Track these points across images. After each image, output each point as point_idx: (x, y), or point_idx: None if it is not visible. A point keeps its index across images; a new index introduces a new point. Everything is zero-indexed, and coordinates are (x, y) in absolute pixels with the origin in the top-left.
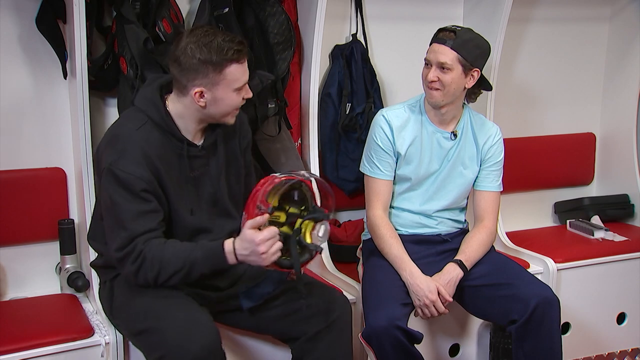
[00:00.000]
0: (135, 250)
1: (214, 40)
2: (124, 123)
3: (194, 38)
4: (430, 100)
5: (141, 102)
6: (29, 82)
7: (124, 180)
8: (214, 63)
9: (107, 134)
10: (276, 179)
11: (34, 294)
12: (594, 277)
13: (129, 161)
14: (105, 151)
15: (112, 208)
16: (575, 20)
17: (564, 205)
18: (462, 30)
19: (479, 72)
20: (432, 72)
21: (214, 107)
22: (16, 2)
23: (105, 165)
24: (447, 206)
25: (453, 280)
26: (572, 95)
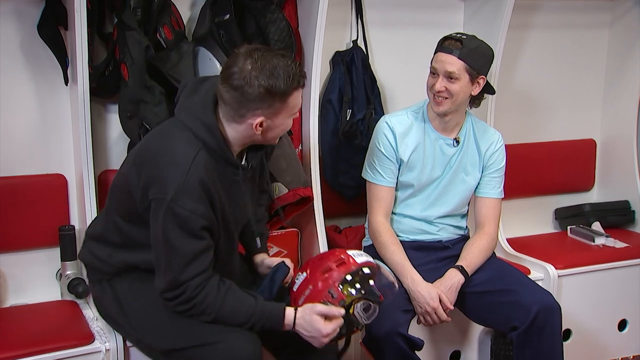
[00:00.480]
0: (186, 293)
1: (278, 67)
2: (178, 147)
3: (255, 65)
4: (437, 109)
5: (194, 124)
6: (30, 88)
7: (185, 219)
8: (280, 93)
9: (159, 156)
10: (352, 266)
11: (34, 300)
12: (595, 284)
13: (190, 197)
14: (161, 179)
15: (165, 245)
16: (576, 26)
17: (565, 212)
18: (468, 38)
19: (484, 79)
20: (439, 82)
21: (269, 134)
22: (18, 9)
23: (166, 198)
24: (449, 212)
25: (454, 286)
26: (572, 101)
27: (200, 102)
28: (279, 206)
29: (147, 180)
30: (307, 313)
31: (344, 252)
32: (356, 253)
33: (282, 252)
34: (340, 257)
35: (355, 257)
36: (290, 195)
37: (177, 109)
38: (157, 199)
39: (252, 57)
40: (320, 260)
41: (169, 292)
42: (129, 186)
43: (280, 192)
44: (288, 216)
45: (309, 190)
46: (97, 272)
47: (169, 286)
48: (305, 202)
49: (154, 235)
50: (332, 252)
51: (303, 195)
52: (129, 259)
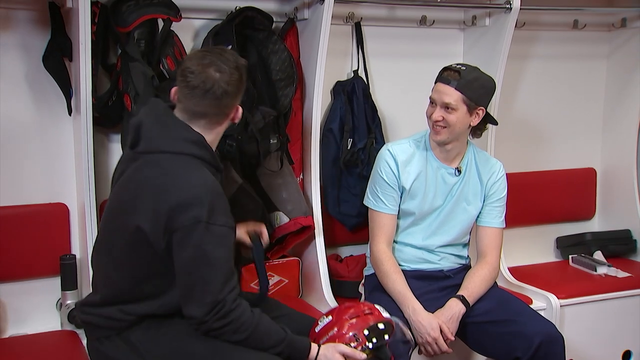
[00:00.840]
0: (224, 308)
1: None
2: (187, 172)
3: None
4: (435, 138)
5: (185, 147)
6: (34, 118)
7: (224, 235)
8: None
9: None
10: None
11: (34, 330)
12: (598, 314)
13: (221, 212)
14: (189, 204)
15: (202, 268)
16: (574, 57)
17: (566, 241)
18: (467, 69)
19: (484, 110)
20: (437, 112)
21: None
22: (24, 41)
23: (201, 219)
24: (450, 242)
25: (455, 316)
26: (572, 131)
27: (176, 125)
28: (280, 235)
29: (171, 214)
30: (330, 351)
31: (372, 305)
32: (383, 307)
33: (283, 281)
34: (368, 308)
35: (382, 311)
36: (292, 224)
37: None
38: (187, 226)
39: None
40: (347, 308)
41: (207, 315)
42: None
43: (282, 221)
44: (289, 245)
45: (310, 220)
46: (102, 329)
47: (209, 308)
48: (306, 231)
49: (183, 265)
50: (360, 303)
51: (304, 225)
52: (141, 310)
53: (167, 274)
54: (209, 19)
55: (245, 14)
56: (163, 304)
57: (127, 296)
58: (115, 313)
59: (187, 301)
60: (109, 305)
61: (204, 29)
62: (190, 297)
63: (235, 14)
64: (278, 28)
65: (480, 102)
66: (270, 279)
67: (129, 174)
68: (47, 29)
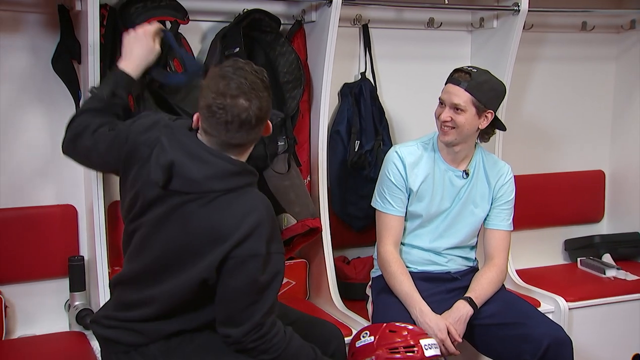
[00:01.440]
0: (262, 330)
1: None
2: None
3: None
4: (443, 138)
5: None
6: (42, 120)
7: (275, 262)
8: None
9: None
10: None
11: (42, 331)
12: (607, 317)
13: (274, 240)
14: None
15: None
16: (582, 59)
17: (575, 243)
18: (478, 71)
19: (492, 113)
20: (445, 112)
21: None
22: (33, 43)
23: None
24: (457, 244)
25: (463, 317)
26: (580, 133)
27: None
28: (288, 237)
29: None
30: None
31: (416, 338)
32: (428, 343)
33: (290, 283)
34: (410, 344)
35: (426, 349)
36: (299, 226)
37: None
38: (242, 256)
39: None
40: (391, 334)
41: (245, 335)
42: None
43: (289, 223)
44: (296, 247)
45: (317, 221)
46: (122, 345)
47: (247, 329)
48: (313, 233)
49: (230, 292)
50: (404, 331)
51: (311, 226)
52: (173, 327)
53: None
54: (216, 21)
55: (253, 17)
56: (194, 319)
57: (162, 313)
58: (146, 328)
59: (226, 322)
60: (140, 321)
61: (212, 31)
62: (231, 319)
63: (243, 17)
64: (285, 30)
65: (490, 105)
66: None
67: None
68: (56, 32)
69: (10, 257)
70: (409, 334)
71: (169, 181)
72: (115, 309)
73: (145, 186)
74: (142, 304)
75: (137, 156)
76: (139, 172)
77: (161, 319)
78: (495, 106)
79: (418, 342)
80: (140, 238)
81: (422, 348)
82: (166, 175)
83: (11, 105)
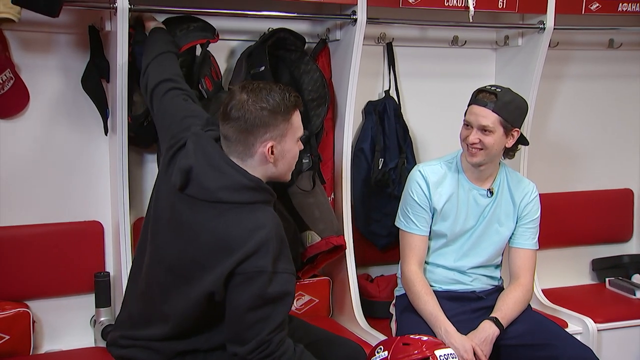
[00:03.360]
0: (269, 348)
1: (272, 91)
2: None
3: (251, 94)
4: (471, 160)
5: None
6: (72, 138)
7: (284, 281)
8: (282, 112)
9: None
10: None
11: (69, 346)
12: (637, 339)
13: (283, 260)
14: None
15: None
16: (609, 76)
17: (603, 263)
18: (502, 91)
19: (518, 131)
20: (473, 135)
21: (282, 163)
22: (64, 63)
23: (266, 269)
24: (482, 263)
25: (489, 338)
26: (608, 151)
27: (232, 170)
28: (312, 254)
29: (235, 266)
30: None
31: (431, 349)
32: (444, 354)
33: (313, 301)
34: (426, 355)
35: (440, 358)
36: (323, 243)
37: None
38: (249, 273)
39: (246, 89)
40: (405, 347)
41: (251, 353)
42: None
43: (313, 240)
44: (320, 264)
45: (341, 239)
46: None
47: (254, 347)
48: (337, 251)
49: (240, 305)
50: (419, 343)
51: (335, 244)
52: (186, 347)
53: (220, 311)
54: (242, 40)
55: (278, 35)
56: (208, 338)
57: (176, 333)
58: (161, 347)
59: (233, 340)
60: (155, 340)
61: (238, 49)
62: (237, 337)
63: (269, 36)
64: (310, 49)
65: (516, 123)
66: (301, 298)
67: (188, 221)
68: (86, 52)
69: (38, 273)
70: (424, 345)
71: (186, 186)
72: (131, 327)
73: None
74: (156, 321)
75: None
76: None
77: (176, 339)
78: (520, 124)
79: (433, 353)
80: (152, 244)
81: (437, 358)
82: (184, 180)
83: (42, 123)
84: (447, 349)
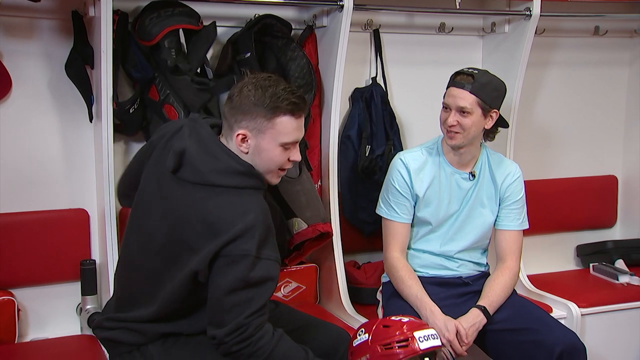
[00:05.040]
0: (245, 332)
1: (273, 87)
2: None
3: (253, 80)
4: (450, 142)
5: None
6: (56, 125)
7: (267, 267)
8: (265, 107)
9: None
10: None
11: (54, 334)
12: (621, 324)
13: (268, 247)
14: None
15: (240, 295)
16: (595, 63)
17: (587, 249)
18: (480, 72)
19: (497, 112)
20: (452, 117)
21: (257, 158)
22: (47, 49)
23: (250, 253)
24: (468, 247)
25: (476, 326)
26: (593, 138)
27: (223, 155)
28: (298, 242)
29: (221, 247)
30: None
31: (411, 331)
32: (423, 335)
33: (300, 288)
34: (406, 337)
35: (421, 341)
36: (310, 230)
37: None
38: (233, 256)
39: (256, 77)
40: (385, 330)
41: (228, 336)
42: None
43: (300, 227)
44: (307, 252)
45: (328, 226)
46: (124, 345)
47: (231, 330)
48: (324, 238)
49: (222, 288)
50: (399, 325)
51: (322, 231)
52: (171, 330)
53: (204, 294)
54: (228, 26)
55: (264, 22)
56: (192, 323)
57: (162, 315)
58: (145, 328)
59: (213, 322)
60: (140, 321)
61: (224, 36)
62: (217, 320)
63: (255, 22)
64: (297, 35)
65: (494, 104)
66: (288, 285)
67: (178, 203)
68: (69, 38)
69: (23, 261)
70: (404, 326)
71: (179, 168)
72: (117, 310)
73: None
74: (142, 303)
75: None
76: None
77: (160, 321)
78: (499, 105)
79: (412, 335)
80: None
81: (416, 340)
82: (177, 162)
83: (25, 110)
84: (428, 329)
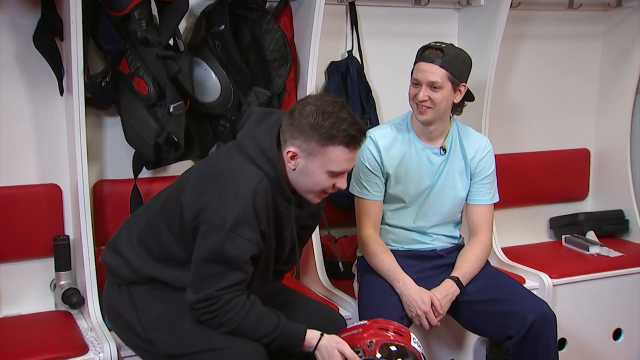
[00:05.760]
0: (215, 305)
1: (336, 114)
2: (241, 177)
3: (319, 100)
4: (421, 118)
5: (256, 154)
6: (25, 99)
7: (243, 247)
8: (321, 133)
9: (221, 184)
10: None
11: (28, 311)
12: (590, 293)
13: (248, 225)
14: (221, 206)
15: (211, 265)
16: (569, 37)
17: (559, 221)
18: (447, 46)
19: (465, 86)
20: (422, 92)
21: (302, 176)
22: (13, 20)
23: (224, 225)
24: (441, 221)
25: (449, 297)
26: (566, 111)
27: (265, 133)
28: None
29: (204, 204)
30: (331, 345)
31: (409, 332)
32: (415, 337)
33: None
34: (402, 330)
35: (415, 341)
36: None
37: (241, 136)
38: (211, 224)
39: (323, 100)
40: (385, 321)
41: (197, 304)
42: (181, 203)
43: None
44: None
45: None
46: (118, 277)
47: (201, 298)
48: None
49: (199, 254)
50: (399, 325)
51: None
52: (158, 275)
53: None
54: None
55: None
56: (179, 278)
57: (152, 248)
58: (137, 266)
59: (191, 285)
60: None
61: (198, 7)
62: (194, 283)
63: None
64: (272, 8)
65: (463, 78)
66: None
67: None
68: (37, 8)
69: None
70: (403, 327)
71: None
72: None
73: None
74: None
75: None
76: None
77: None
78: (467, 78)
79: (409, 332)
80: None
81: (410, 337)
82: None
83: None
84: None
